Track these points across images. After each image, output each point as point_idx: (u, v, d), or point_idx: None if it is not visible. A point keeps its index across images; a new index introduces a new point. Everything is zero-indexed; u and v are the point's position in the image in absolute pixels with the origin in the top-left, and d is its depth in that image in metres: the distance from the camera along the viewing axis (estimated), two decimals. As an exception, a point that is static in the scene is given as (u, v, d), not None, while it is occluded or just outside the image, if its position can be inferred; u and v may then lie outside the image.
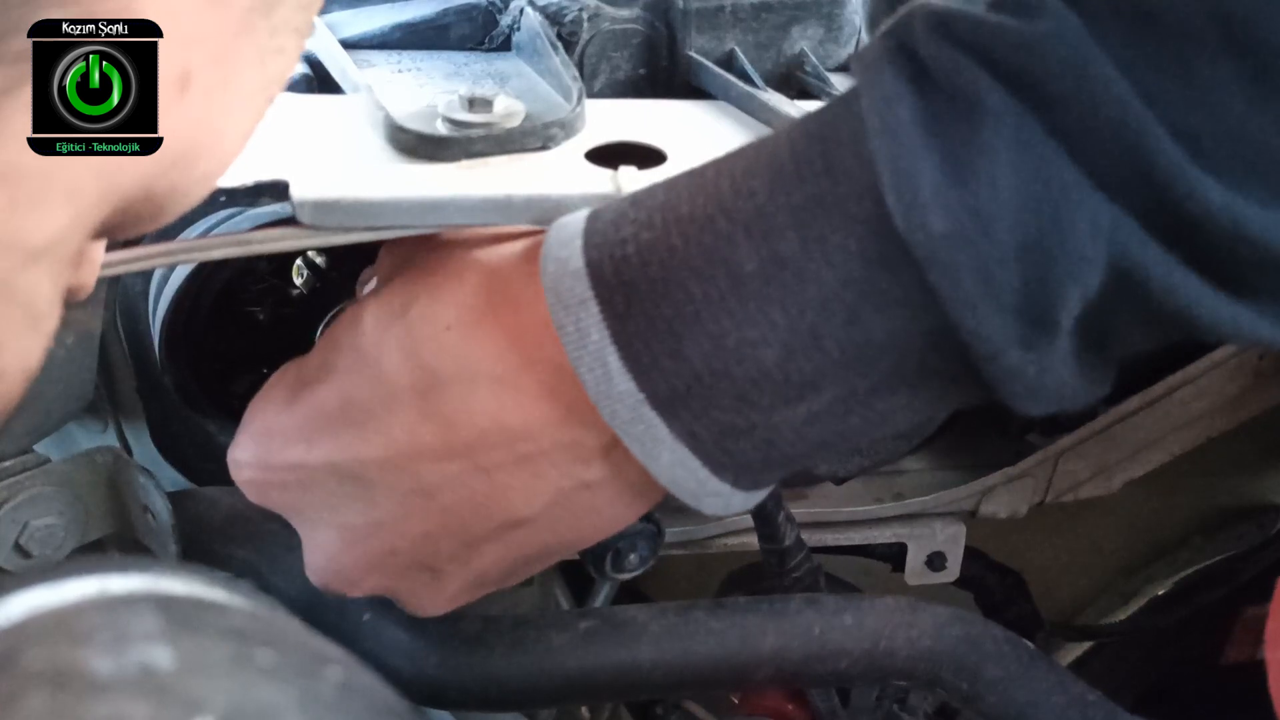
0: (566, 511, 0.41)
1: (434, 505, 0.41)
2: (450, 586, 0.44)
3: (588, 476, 0.40)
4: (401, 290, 0.41)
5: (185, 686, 0.21)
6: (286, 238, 0.42)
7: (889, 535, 0.63)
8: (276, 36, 0.29)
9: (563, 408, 0.39)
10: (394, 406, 0.40)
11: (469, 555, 0.42)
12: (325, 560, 0.43)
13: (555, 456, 0.39)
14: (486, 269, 0.40)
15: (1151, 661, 0.75)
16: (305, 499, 0.43)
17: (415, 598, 0.45)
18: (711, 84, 0.52)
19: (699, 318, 0.36)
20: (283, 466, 0.42)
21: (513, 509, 0.41)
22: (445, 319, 0.40)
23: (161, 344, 0.51)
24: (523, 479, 0.40)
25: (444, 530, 0.41)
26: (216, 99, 0.29)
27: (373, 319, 0.41)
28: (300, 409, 0.42)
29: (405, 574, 0.43)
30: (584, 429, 0.39)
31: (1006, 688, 0.50)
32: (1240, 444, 0.67)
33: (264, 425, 0.43)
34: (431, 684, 0.49)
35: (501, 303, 0.39)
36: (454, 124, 0.45)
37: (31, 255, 0.27)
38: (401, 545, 0.42)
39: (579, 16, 0.52)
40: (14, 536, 0.49)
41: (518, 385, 0.39)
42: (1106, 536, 0.73)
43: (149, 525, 0.51)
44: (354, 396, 0.40)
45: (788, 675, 0.50)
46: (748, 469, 0.39)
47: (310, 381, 0.42)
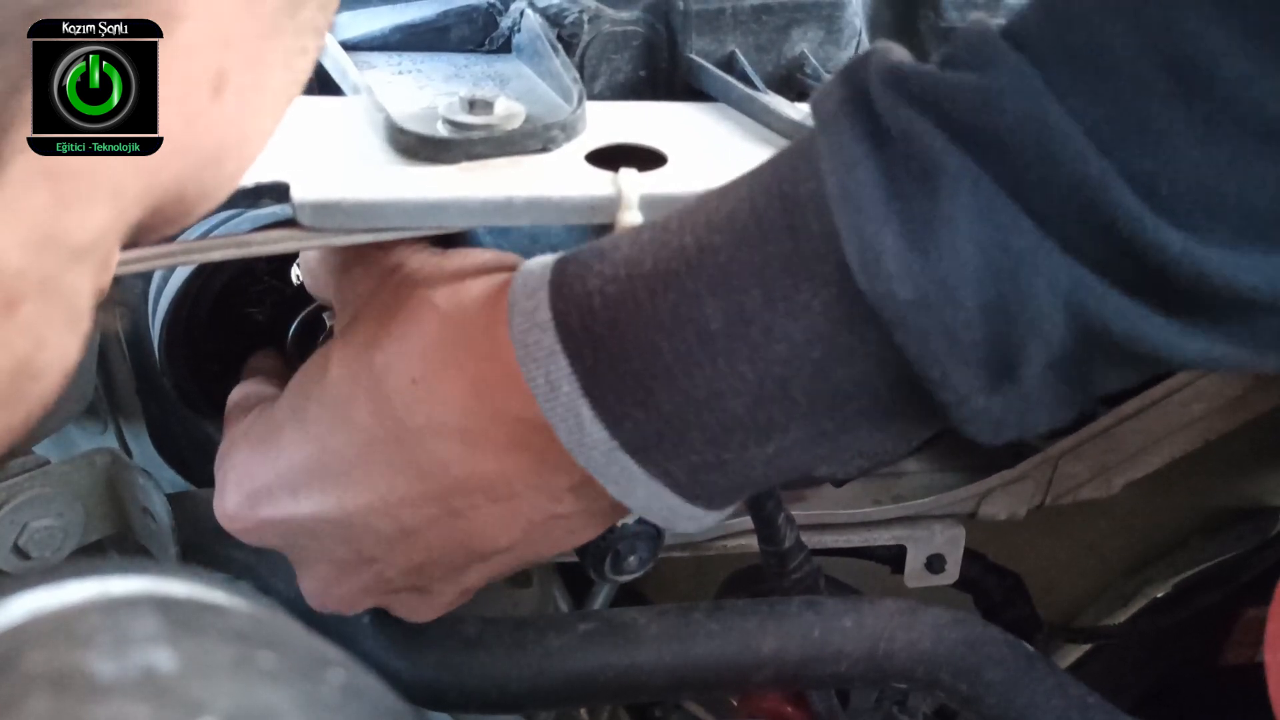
0: (542, 535, 0.42)
1: (418, 542, 0.42)
2: (441, 600, 0.46)
3: (559, 510, 0.41)
4: (365, 335, 0.42)
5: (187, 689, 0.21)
6: (286, 239, 0.42)
7: (888, 537, 0.63)
8: (300, 37, 0.30)
9: (533, 456, 0.40)
10: (370, 457, 0.41)
11: (457, 576, 0.44)
12: (321, 589, 0.45)
13: (528, 497, 0.41)
14: (447, 316, 0.41)
15: (1151, 663, 0.75)
16: (296, 543, 0.44)
17: (410, 611, 0.46)
18: (712, 86, 0.52)
19: (669, 372, 0.37)
20: (271, 520, 0.43)
21: (491, 541, 0.42)
22: (411, 371, 0.40)
23: (161, 345, 0.51)
24: (498, 516, 0.41)
25: (430, 562, 0.43)
26: (248, 100, 0.29)
27: (340, 369, 0.42)
28: (280, 462, 0.42)
29: (398, 595, 0.45)
30: (554, 473, 0.40)
31: (1006, 690, 0.50)
32: (1239, 446, 0.67)
33: (247, 479, 0.43)
34: (431, 686, 0.49)
35: (465, 353, 0.40)
36: (454, 126, 0.44)
37: (76, 254, 0.27)
38: (391, 574, 0.43)
39: (579, 18, 0.52)
40: (13, 538, 0.49)
41: (487, 436, 0.40)
42: (1105, 538, 0.73)
43: (148, 527, 0.51)
44: (329, 448, 0.41)
45: (787, 677, 0.50)
46: (721, 494, 0.40)
47: (285, 433, 0.43)
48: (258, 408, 0.45)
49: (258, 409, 0.45)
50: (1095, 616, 0.75)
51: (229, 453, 0.45)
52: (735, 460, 0.38)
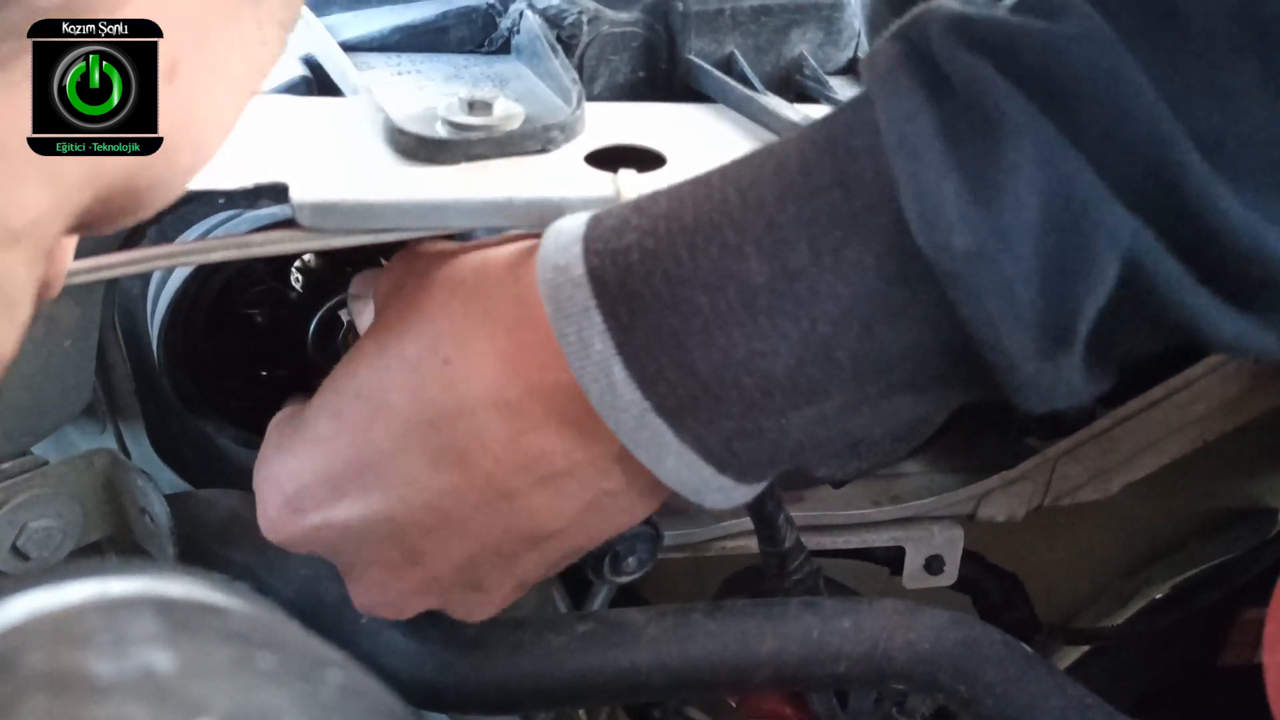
0: (595, 515, 0.41)
1: (466, 533, 0.41)
2: (496, 596, 0.44)
3: (608, 485, 0.40)
4: (395, 326, 0.41)
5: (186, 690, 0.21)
6: (286, 240, 0.42)
7: (887, 538, 0.63)
8: (263, 28, 0.29)
9: (573, 426, 0.38)
10: (408, 446, 0.40)
11: (509, 566, 0.43)
12: (374, 595, 0.44)
13: (574, 473, 0.39)
14: (473, 289, 0.40)
15: (1149, 664, 0.75)
16: (344, 547, 0.43)
17: (464, 610, 0.45)
18: (711, 87, 0.52)
19: (707, 330, 0.35)
20: (316, 526, 0.42)
21: (542, 525, 0.40)
22: (442, 353, 0.39)
23: (160, 346, 0.51)
24: (546, 498, 0.40)
25: (481, 553, 0.41)
26: (202, 88, 0.28)
27: (371, 364, 0.41)
28: (318, 462, 0.41)
29: (451, 593, 0.44)
30: (597, 443, 0.38)
31: (1004, 691, 0.50)
32: (1238, 447, 0.67)
33: (288, 484, 0.42)
34: (429, 687, 0.49)
35: (493, 324, 0.39)
36: (454, 127, 0.44)
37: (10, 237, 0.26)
38: (443, 571, 0.42)
39: (578, 19, 0.52)
40: (11, 538, 0.49)
41: (523, 410, 0.38)
42: (1104, 539, 0.73)
43: (147, 527, 0.51)
44: (367, 441, 0.40)
45: (786, 678, 0.50)
46: (753, 466, 0.39)
47: (322, 434, 0.42)
48: (291, 417, 0.44)
49: (291, 417, 0.44)
50: (1094, 618, 0.75)
51: (265, 461, 0.44)
52: (772, 428, 0.37)
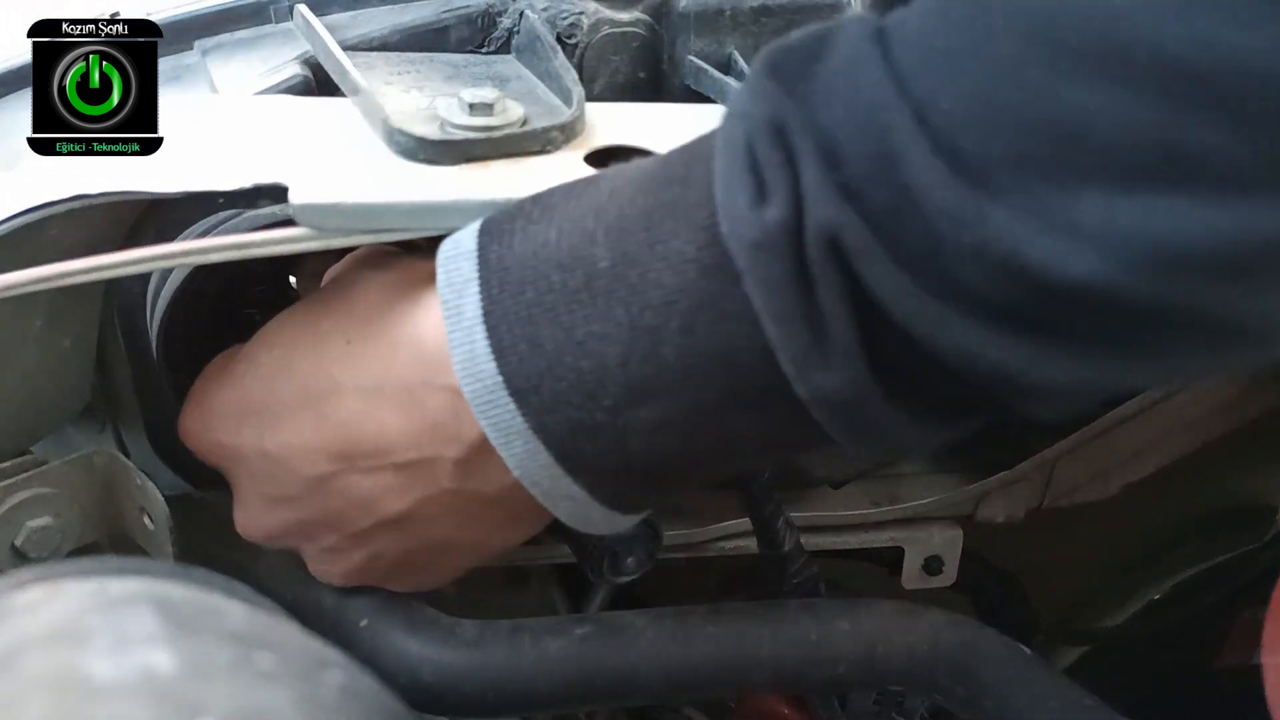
0: (440, 512, 0.44)
1: (327, 493, 0.44)
2: (348, 563, 0.47)
3: (446, 485, 0.43)
4: (324, 301, 0.45)
5: (186, 689, 0.21)
6: (285, 240, 0.42)
7: (886, 539, 0.63)
8: None
9: (425, 421, 0.42)
10: (301, 405, 0.44)
11: (363, 539, 0.46)
12: (247, 519, 0.48)
13: (416, 467, 0.43)
14: (391, 286, 0.43)
15: (1148, 665, 0.75)
16: (234, 469, 0.47)
17: (316, 564, 0.48)
18: (710, 87, 0.52)
19: (554, 308, 0.38)
20: (218, 442, 0.47)
21: (385, 508, 0.44)
22: (348, 334, 0.43)
23: (159, 345, 0.51)
24: (389, 481, 0.43)
25: (337, 517, 0.45)
26: None
27: (294, 327, 0.45)
28: (233, 396, 0.46)
29: (311, 544, 0.47)
30: (443, 442, 0.42)
31: (1003, 692, 0.50)
32: (1237, 447, 0.67)
33: (205, 403, 0.47)
34: (428, 690, 0.48)
35: (396, 319, 0.42)
36: (453, 127, 0.44)
37: None
38: (305, 517, 0.46)
39: (578, 20, 0.52)
40: (11, 538, 0.49)
41: (386, 396, 0.42)
42: (1103, 540, 0.73)
43: (145, 527, 0.51)
44: (272, 390, 0.45)
45: (785, 680, 0.50)
46: (604, 477, 0.41)
47: (242, 372, 0.46)
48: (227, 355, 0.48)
49: (236, 348, 0.48)
50: (1092, 618, 0.75)
51: (201, 378, 0.48)
52: (609, 425, 0.39)
